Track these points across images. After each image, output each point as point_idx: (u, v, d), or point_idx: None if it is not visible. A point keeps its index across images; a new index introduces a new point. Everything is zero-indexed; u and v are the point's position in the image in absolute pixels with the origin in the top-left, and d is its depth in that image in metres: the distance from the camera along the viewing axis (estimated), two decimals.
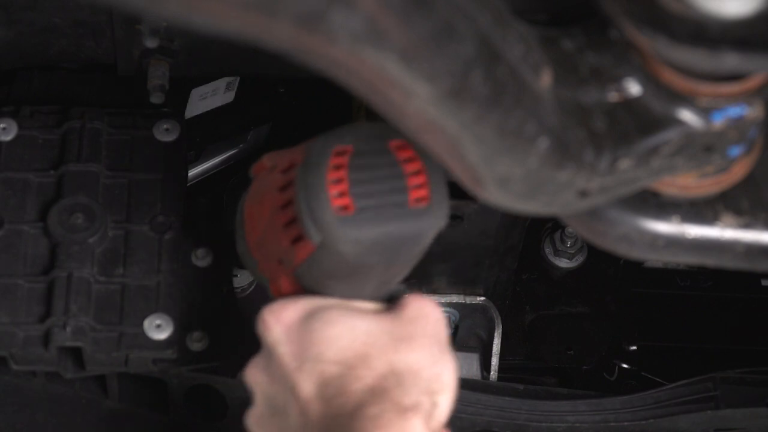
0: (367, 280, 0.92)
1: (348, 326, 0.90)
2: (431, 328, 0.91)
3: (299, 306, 0.92)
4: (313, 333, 0.90)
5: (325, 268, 0.91)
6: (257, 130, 1.45)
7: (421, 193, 0.88)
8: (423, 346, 0.90)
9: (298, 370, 0.89)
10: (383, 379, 0.88)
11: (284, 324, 0.92)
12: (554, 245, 1.41)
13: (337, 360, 0.89)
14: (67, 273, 1.15)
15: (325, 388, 0.88)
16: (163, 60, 1.19)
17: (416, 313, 0.92)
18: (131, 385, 1.23)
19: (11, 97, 1.27)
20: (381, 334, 0.90)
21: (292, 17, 0.61)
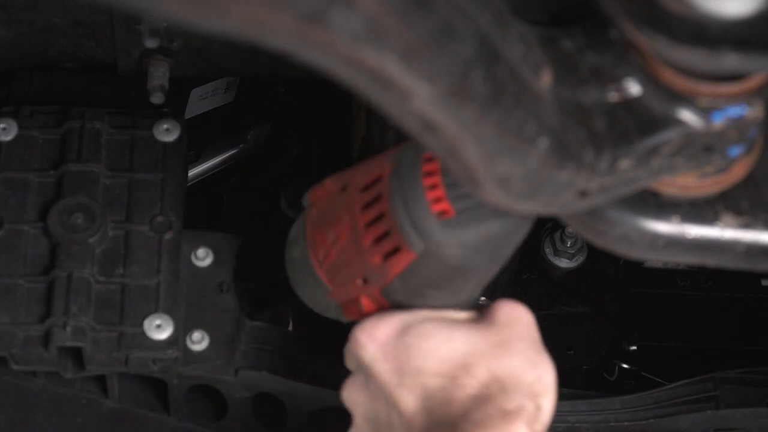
0: (467, 283, 0.92)
1: (444, 337, 0.91)
2: (525, 331, 0.92)
3: (391, 322, 0.93)
4: (410, 348, 0.90)
5: (426, 276, 0.91)
6: (257, 130, 1.45)
7: None
8: (520, 351, 0.90)
9: (399, 386, 0.90)
10: (486, 386, 0.88)
11: (378, 341, 0.92)
12: (554, 245, 1.41)
13: (437, 372, 0.89)
14: (67, 273, 1.15)
15: (428, 400, 0.89)
16: (163, 60, 1.19)
17: (508, 318, 0.92)
18: (131, 385, 1.23)
19: (11, 97, 1.27)
20: (478, 341, 0.90)
21: (292, 17, 0.61)
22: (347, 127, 1.32)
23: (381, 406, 0.92)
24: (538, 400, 0.90)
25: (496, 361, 0.89)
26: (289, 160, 1.43)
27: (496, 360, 0.90)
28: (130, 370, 1.16)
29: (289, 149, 1.44)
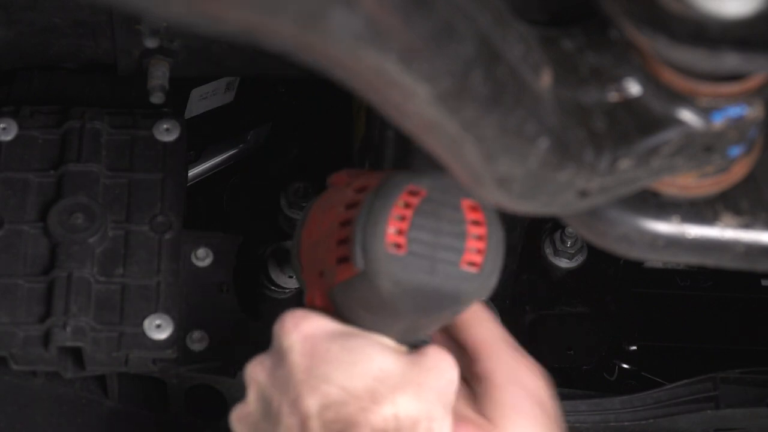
0: (395, 321, 0.91)
1: (365, 356, 0.90)
2: (443, 385, 0.91)
3: (323, 323, 0.92)
4: (328, 352, 0.90)
5: (359, 296, 0.91)
6: (257, 130, 1.45)
7: (476, 258, 0.88)
8: (429, 400, 0.89)
9: (305, 384, 0.89)
10: (384, 420, 0.87)
11: (303, 334, 0.91)
12: (554, 245, 1.41)
13: (344, 386, 0.88)
14: (67, 273, 1.15)
15: (326, 410, 0.88)
16: (163, 60, 1.20)
17: (434, 365, 0.91)
18: (131, 385, 1.23)
19: (11, 97, 1.27)
20: (395, 373, 0.90)
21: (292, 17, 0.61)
22: (347, 127, 1.32)
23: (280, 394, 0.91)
24: None
25: (403, 400, 0.88)
26: (289, 160, 1.43)
27: (404, 398, 0.88)
28: (130, 370, 1.16)
29: (289, 149, 1.44)
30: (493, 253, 0.89)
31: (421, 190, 0.89)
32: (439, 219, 0.88)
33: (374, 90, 0.70)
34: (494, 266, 0.89)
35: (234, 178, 1.42)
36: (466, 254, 0.88)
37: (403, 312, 0.90)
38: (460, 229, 0.88)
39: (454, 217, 0.88)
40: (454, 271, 0.88)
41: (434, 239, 0.88)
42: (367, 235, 0.88)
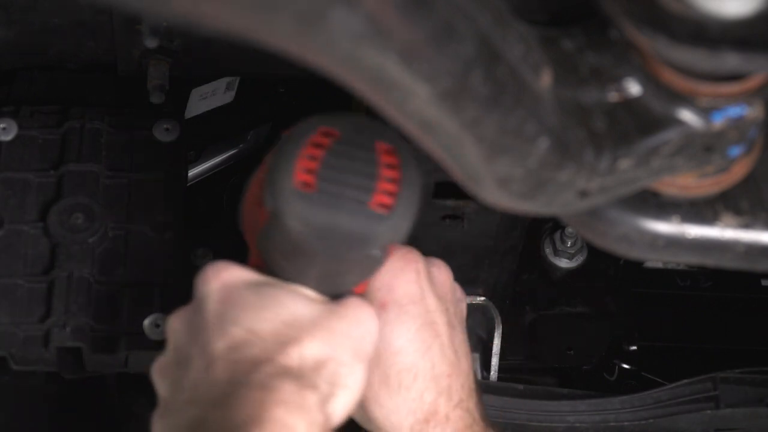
0: (309, 267, 0.90)
1: (277, 302, 0.90)
2: (357, 333, 0.91)
3: (243, 273, 0.92)
4: (240, 297, 0.90)
5: (275, 241, 0.90)
6: (257, 130, 1.45)
7: (387, 200, 0.87)
8: (339, 345, 0.89)
9: (214, 327, 0.89)
10: (288, 357, 0.87)
11: (221, 282, 0.91)
12: (554, 245, 1.41)
13: (251, 328, 0.88)
14: (67, 273, 1.15)
15: (233, 351, 0.87)
16: (163, 60, 1.20)
17: (349, 314, 0.91)
18: (131, 384, 1.23)
19: (11, 97, 1.27)
20: (305, 319, 0.89)
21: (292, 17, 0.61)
22: None
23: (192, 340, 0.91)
24: (334, 388, 0.88)
25: (310, 343, 0.88)
26: None
27: (311, 341, 0.88)
28: (129, 370, 1.16)
29: None
30: (406, 197, 0.88)
31: (334, 132, 0.88)
32: (352, 159, 0.87)
33: (374, 90, 0.70)
34: (406, 211, 0.88)
35: (234, 178, 1.42)
36: (376, 195, 0.87)
37: (314, 254, 0.89)
38: (372, 170, 0.87)
39: (367, 158, 0.88)
40: (362, 211, 0.87)
41: (344, 179, 0.87)
42: (275, 176, 0.87)
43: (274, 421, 0.84)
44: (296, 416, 0.84)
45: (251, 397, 0.85)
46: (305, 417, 0.85)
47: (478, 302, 1.31)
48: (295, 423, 0.84)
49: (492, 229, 1.25)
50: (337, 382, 0.89)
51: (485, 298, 1.32)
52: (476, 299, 1.31)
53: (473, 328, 1.35)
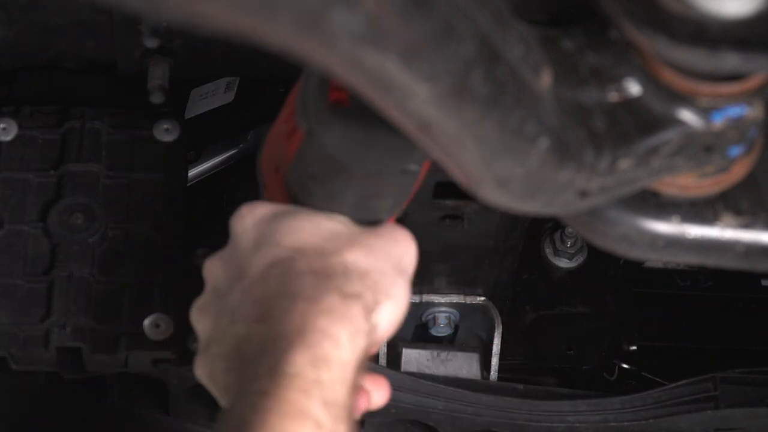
0: (344, 188, 0.89)
1: (314, 223, 0.89)
2: (396, 250, 0.90)
3: (277, 206, 0.92)
4: (278, 224, 0.89)
5: (309, 163, 0.89)
6: (257, 130, 1.45)
7: None
8: (380, 258, 0.88)
9: (253, 253, 0.88)
10: (330, 267, 0.86)
11: (256, 216, 0.90)
12: (554, 245, 1.41)
13: (291, 246, 0.87)
14: (67, 273, 1.15)
15: (272, 267, 0.86)
16: (163, 60, 1.20)
17: (387, 233, 0.90)
18: (131, 385, 1.23)
19: (11, 97, 1.27)
20: (343, 235, 0.89)
21: (292, 17, 0.61)
22: None
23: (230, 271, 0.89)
24: (379, 296, 0.87)
25: (351, 253, 0.87)
26: None
27: (351, 252, 0.87)
28: (129, 370, 1.16)
29: None
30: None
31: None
32: None
33: (374, 90, 0.70)
34: None
35: (234, 178, 1.42)
36: None
37: (352, 170, 0.87)
38: None
39: None
40: None
41: None
42: (307, 95, 0.86)
43: (316, 331, 0.82)
44: (340, 325, 0.83)
45: (294, 309, 0.84)
46: (349, 326, 0.84)
47: (478, 302, 1.31)
48: (338, 332, 0.83)
49: (492, 229, 1.25)
50: (381, 291, 0.87)
51: (485, 298, 1.32)
52: (476, 299, 1.31)
53: (473, 328, 1.35)
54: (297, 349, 0.81)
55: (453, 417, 1.23)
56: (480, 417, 1.23)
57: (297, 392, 0.80)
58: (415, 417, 1.24)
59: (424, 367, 1.32)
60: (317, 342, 0.82)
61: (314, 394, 0.81)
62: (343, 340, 0.83)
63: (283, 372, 0.81)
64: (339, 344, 0.83)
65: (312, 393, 0.81)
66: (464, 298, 1.32)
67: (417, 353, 1.33)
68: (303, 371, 0.81)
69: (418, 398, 1.22)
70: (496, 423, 1.23)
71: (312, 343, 0.82)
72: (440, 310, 1.34)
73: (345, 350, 0.83)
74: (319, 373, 0.81)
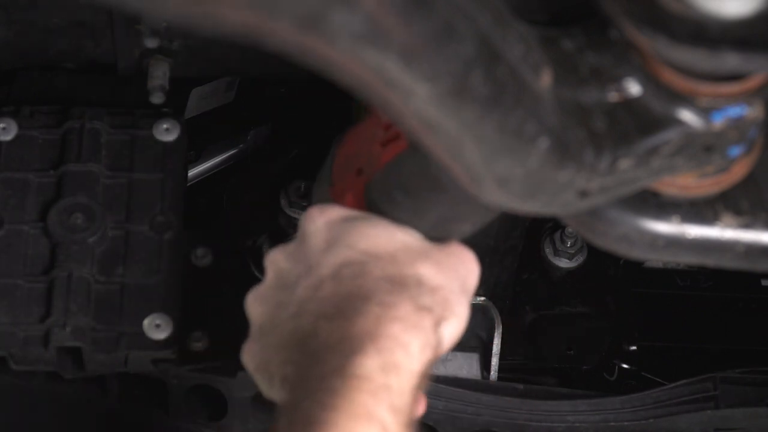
0: (433, 204, 0.89)
1: (388, 232, 0.89)
2: (462, 270, 0.90)
3: (349, 211, 0.91)
4: (352, 228, 0.89)
5: (404, 175, 0.89)
6: (257, 130, 1.45)
7: None
8: (449, 276, 0.89)
9: (324, 252, 0.88)
10: (404, 277, 0.86)
11: (327, 217, 0.90)
12: (554, 245, 1.41)
13: (365, 250, 0.87)
14: (67, 273, 1.15)
15: (345, 267, 0.86)
16: (163, 60, 1.20)
17: (456, 252, 0.91)
18: (131, 384, 1.23)
19: (11, 97, 1.27)
20: (416, 248, 0.89)
21: (292, 18, 0.61)
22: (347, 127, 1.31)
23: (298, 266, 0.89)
24: (446, 313, 0.87)
25: (423, 266, 0.87)
26: (289, 160, 1.43)
27: (424, 265, 0.88)
28: (129, 370, 1.16)
29: (289, 149, 1.43)
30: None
31: None
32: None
33: (374, 90, 0.70)
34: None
35: (234, 178, 1.42)
36: None
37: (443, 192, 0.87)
38: None
39: None
40: None
41: None
42: None
43: (389, 337, 0.83)
44: (412, 335, 0.84)
45: (367, 311, 0.84)
46: (420, 337, 0.84)
47: (478, 302, 1.31)
48: (410, 341, 0.83)
49: (492, 229, 1.24)
50: (448, 308, 0.87)
51: (485, 298, 1.31)
52: (476, 299, 1.31)
53: (473, 328, 1.35)
54: (368, 352, 0.82)
55: (453, 417, 1.23)
56: (480, 417, 1.23)
57: (366, 394, 0.81)
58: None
59: None
60: (389, 348, 0.83)
61: (383, 398, 0.81)
62: (413, 350, 0.84)
63: (353, 373, 0.81)
64: (409, 353, 0.83)
65: (381, 397, 0.81)
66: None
67: None
68: (373, 375, 0.81)
69: None
70: (495, 423, 1.23)
71: (384, 348, 0.82)
72: None
73: (414, 360, 0.84)
74: (389, 379, 0.82)
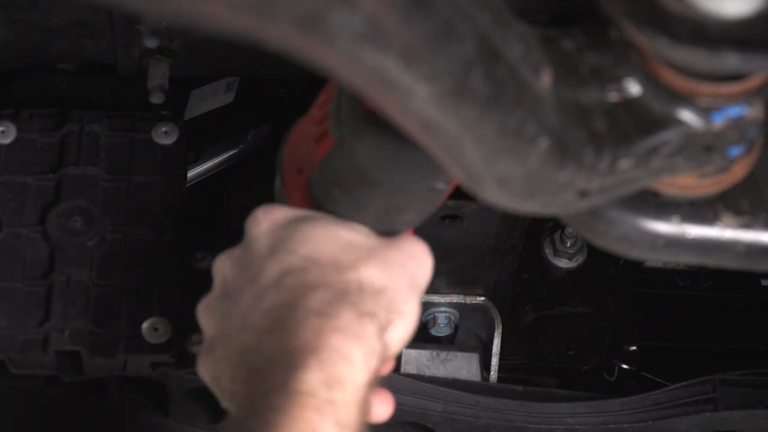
0: (370, 199, 0.89)
1: (331, 233, 0.88)
2: (412, 265, 0.89)
3: (294, 211, 0.90)
4: (294, 231, 0.88)
5: (336, 171, 0.88)
6: (257, 130, 1.45)
7: None
8: (395, 274, 0.87)
9: (266, 258, 0.87)
10: (345, 282, 0.85)
11: (272, 220, 0.89)
12: (554, 245, 1.41)
13: (307, 256, 0.86)
14: (66, 277, 1.15)
15: (286, 276, 0.85)
16: (163, 60, 1.20)
17: (404, 247, 0.89)
18: (130, 388, 1.23)
19: (10, 100, 1.27)
20: (360, 248, 0.88)
21: (292, 18, 0.61)
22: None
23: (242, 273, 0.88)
24: (392, 315, 0.86)
25: (366, 268, 0.86)
26: None
27: (367, 267, 0.86)
28: (128, 373, 1.16)
29: None
30: None
31: None
32: None
33: (374, 90, 0.70)
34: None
35: (234, 178, 1.42)
36: None
37: (379, 183, 0.87)
38: None
39: None
40: None
41: None
42: (342, 103, 0.85)
43: (330, 349, 0.82)
44: (354, 344, 0.83)
45: (307, 323, 0.83)
46: (363, 345, 0.83)
47: (478, 302, 1.31)
48: (352, 351, 0.82)
49: (492, 229, 1.25)
50: (394, 310, 0.86)
51: (485, 298, 1.32)
52: (476, 299, 1.31)
53: (473, 328, 1.35)
54: (310, 366, 0.81)
55: (452, 419, 1.23)
56: (479, 419, 1.23)
57: (311, 411, 0.80)
58: (413, 419, 1.24)
59: (424, 367, 1.32)
60: (331, 361, 0.82)
61: (328, 413, 0.80)
62: (357, 361, 0.83)
63: (297, 389, 0.80)
64: (353, 365, 0.82)
65: (325, 413, 0.80)
66: (464, 298, 1.32)
67: (417, 353, 1.33)
68: (317, 390, 0.81)
69: (416, 400, 1.22)
70: (495, 425, 1.23)
71: (326, 362, 0.81)
72: (440, 310, 1.34)
73: (359, 371, 0.83)
74: (333, 394, 0.81)
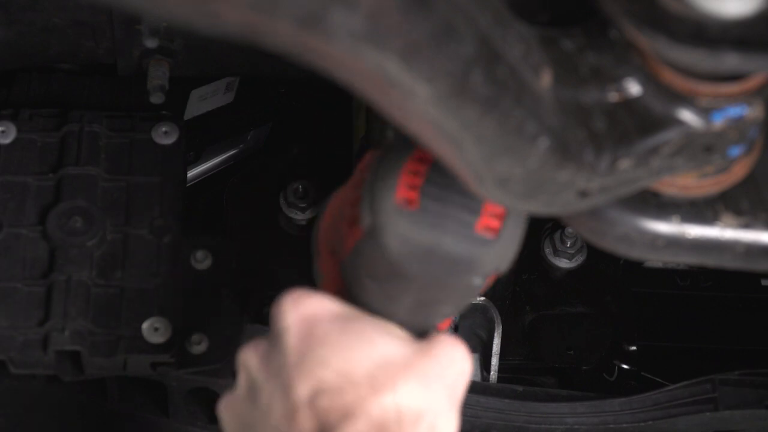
0: (403, 292, 0.84)
1: (366, 340, 0.83)
2: (451, 376, 0.85)
3: (324, 303, 0.85)
4: (326, 334, 0.83)
5: (366, 261, 0.84)
6: (257, 130, 1.45)
7: (494, 223, 0.82)
8: (434, 391, 0.83)
9: (296, 367, 0.82)
10: (384, 408, 0.81)
11: (301, 314, 0.84)
12: (554, 245, 1.41)
13: (340, 370, 0.81)
14: (66, 277, 1.15)
15: (318, 397, 0.81)
16: (163, 60, 1.20)
17: (443, 354, 0.85)
18: (130, 388, 1.23)
19: (10, 100, 1.27)
20: (398, 360, 0.83)
21: (292, 18, 0.61)
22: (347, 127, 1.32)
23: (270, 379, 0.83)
24: None
25: (406, 389, 0.81)
26: (289, 160, 1.43)
27: (407, 387, 0.81)
28: (128, 373, 1.16)
29: (289, 149, 1.43)
30: (513, 221, 0.83)
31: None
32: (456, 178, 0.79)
33: (374, 90, 0.70)
34: (513, 235, 0.83)
35: (234, 178, 1.42)
36: (482, 218, 0.82)
37: (411, 278, 0.82)
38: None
39: None
40: (467, 234, 0.81)
41: (450, 197, 0.81)
42: (374, 190, 0.82)
43: None
44: None
45: None
46: None
47: (478, 302, 1.31)
48: None
49: None
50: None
51: (485, 298, 1.31)
52: (476, 299, 1.31)
53: (473, 328, 1.35)
54: None
55: None
56: (479, 419, 1.23)
57: None
58: None
59: None
60: None
61: None
62: None
63: None
64: None
65: None
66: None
67: None
68: None
69: None
70: (494, 425, 1.23)
71: None
72: None
73: None
74: None
